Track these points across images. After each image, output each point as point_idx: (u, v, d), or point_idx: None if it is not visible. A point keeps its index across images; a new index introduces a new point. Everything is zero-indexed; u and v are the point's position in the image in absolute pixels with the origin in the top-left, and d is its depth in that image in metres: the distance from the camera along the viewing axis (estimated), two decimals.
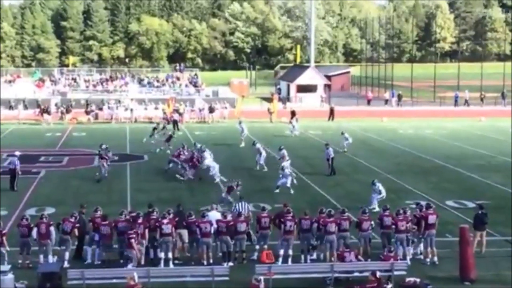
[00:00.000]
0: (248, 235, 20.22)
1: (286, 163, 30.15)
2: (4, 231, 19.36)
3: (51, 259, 19.10)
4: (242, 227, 19.85)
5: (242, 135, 42.85)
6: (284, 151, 32.71)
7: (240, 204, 21.90)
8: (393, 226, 19.85)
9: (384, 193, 25.91)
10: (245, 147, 40.54)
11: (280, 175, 29.38)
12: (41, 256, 19.14)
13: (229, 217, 20.00)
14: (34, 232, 19.35)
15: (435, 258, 19.78)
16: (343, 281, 18.05)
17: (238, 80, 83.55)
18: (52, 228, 19.37)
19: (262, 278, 16.24)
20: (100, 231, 19.60)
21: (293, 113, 56.43)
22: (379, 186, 26.07)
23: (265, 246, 20.06)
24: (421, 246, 20.25)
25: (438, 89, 76.14)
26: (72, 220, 19.60)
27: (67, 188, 29.98)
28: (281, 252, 19.61)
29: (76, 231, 19.58)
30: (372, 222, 20.23)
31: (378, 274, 16.72)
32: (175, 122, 50.74)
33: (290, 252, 19.61)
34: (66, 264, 18.97)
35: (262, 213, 20.54)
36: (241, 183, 25.73)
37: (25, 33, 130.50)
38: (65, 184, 30.83)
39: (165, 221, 19.34)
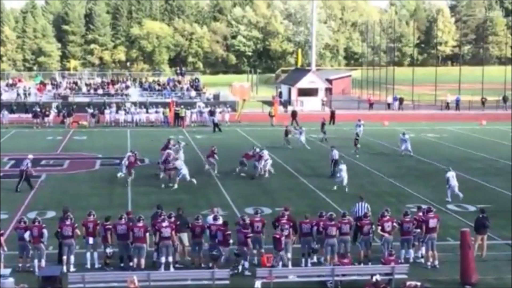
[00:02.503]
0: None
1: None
2: (1, 231, 19.34)
3: (44, 263, 19.06)
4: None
5: (301, 139, 42.98)
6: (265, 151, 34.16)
7: (360, 204, 21.90)
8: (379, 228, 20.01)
9: None
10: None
11: None
12: (36, 261, 19.10)
13: (247, 220, 19.93)
14: (27, 235, 19.31)
15: (436, 262, 19.77)
16: (343, 285, 18.04)
17: (240, 83, 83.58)
18: (45, 231, 19.29)
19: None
20: (99, 233, 19.67)
21: (294, 114, 56.56)
22: None
23: (262, 250, 20.00)
24: (423, 249, 20.24)
25: (439, 92, 76.12)
26: (68, 222, 19.54)
27: (68, 192, 29.98)
28: None
29: (78, 232, 19.56)
30: (373, 226, 20.22)
31: (374, 278, 16.73)
32: (216, 125, 51.45)
33: (289, 255, 19.56)
34: (72, 269, 18.95)
35: (255, 217, 20.49)
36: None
37: (27, 37, 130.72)
38: (66, 188, 30.83)
39: (164, 224, 19.31)
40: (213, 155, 34.22)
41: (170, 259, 19.19)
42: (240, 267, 19.13)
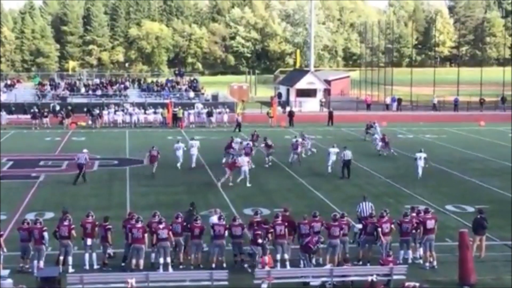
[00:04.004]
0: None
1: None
2: (1, 233, 19.32)
3: (42, 264, 19.01)
4: (238, 231, 19.89)
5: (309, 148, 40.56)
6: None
7: (364, 204, 21.92)
8: (379, 229, 19.99)
9: None
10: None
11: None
12: (35, 262, 19.06)
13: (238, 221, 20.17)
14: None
15: (435, 263, 19.76)
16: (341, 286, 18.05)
17: (238, 84, 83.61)
18: (45, 234, 19.22)
19: None
20: (97, 234, 19.67)
21: (290, 115, 56.71)
22: None
23: None
24: (421, 250, 20.23)
25: (438, 93, 76.12)
26: (67, 223, 19.52)
27: (66, 193, 29.96)
28: (277, 256, 19.59)
29: (74, 233, 19.53)
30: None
31: (370, 279, 16.77)
32: (238, 125, 51.76)
33: (287, 256, 19.56)
34: (70, 269, 18.91)
35: (255, 218, 20.51)
36: None
37: (25, 38, 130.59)
38: (64, 189, 30.80)
39: (161, 226, 19.29)
40: (299, 146, 37.29)
41: (168, 259, 19.18)
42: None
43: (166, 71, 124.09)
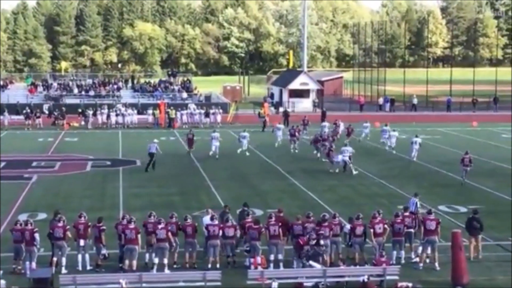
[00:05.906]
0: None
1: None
2: None
3: (34, 265, 18.96)
4: (230, 232, 19.86)
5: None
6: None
7: (413, 200, 22.19)
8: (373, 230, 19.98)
9: None
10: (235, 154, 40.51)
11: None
12: (27, 263, 18.97)
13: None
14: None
15: (436, 264, 19.74)
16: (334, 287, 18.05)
17: (231, 85, 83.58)
18: (36, 235, 19.15)
19: None
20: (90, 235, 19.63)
21: (286, 115, 56.69)
22: None
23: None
24: (419, 249, 20.20)
25: (431, 94, 76.27)
26: (61, 224, 19.48)
27: (59, 193, 29.89)
28: (271, 257, 19.59)
29: (69, 234, 19.48)
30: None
31: (362, 279, 16.82)
32: (264, 123, 52.59)
33: (280, 256, 19.55)
34: (63, 270, 18.87)
35: (247, 219, 20.51)
36: None
37: (17, 38, 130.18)
38: (57, 189, 30.74)
39: (160, 226, 19.28)
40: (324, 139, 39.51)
41: (166, 260, 19.17)
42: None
43: (159, 72, 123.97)
